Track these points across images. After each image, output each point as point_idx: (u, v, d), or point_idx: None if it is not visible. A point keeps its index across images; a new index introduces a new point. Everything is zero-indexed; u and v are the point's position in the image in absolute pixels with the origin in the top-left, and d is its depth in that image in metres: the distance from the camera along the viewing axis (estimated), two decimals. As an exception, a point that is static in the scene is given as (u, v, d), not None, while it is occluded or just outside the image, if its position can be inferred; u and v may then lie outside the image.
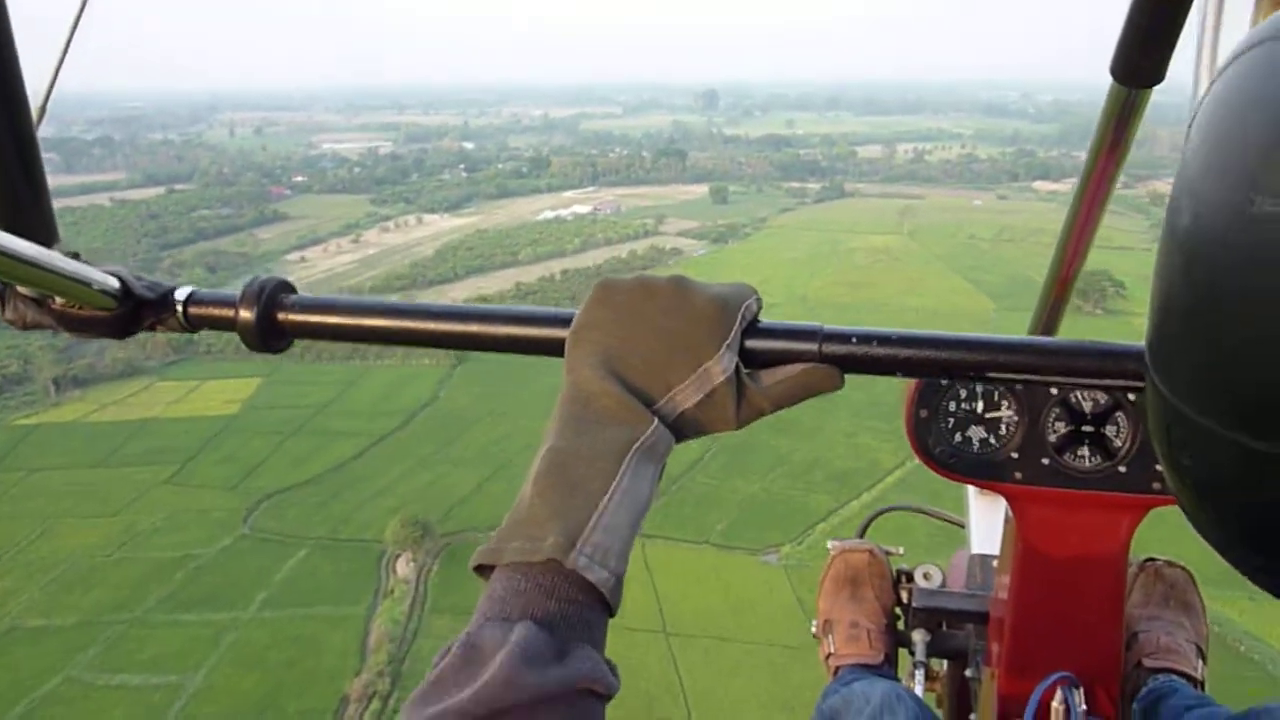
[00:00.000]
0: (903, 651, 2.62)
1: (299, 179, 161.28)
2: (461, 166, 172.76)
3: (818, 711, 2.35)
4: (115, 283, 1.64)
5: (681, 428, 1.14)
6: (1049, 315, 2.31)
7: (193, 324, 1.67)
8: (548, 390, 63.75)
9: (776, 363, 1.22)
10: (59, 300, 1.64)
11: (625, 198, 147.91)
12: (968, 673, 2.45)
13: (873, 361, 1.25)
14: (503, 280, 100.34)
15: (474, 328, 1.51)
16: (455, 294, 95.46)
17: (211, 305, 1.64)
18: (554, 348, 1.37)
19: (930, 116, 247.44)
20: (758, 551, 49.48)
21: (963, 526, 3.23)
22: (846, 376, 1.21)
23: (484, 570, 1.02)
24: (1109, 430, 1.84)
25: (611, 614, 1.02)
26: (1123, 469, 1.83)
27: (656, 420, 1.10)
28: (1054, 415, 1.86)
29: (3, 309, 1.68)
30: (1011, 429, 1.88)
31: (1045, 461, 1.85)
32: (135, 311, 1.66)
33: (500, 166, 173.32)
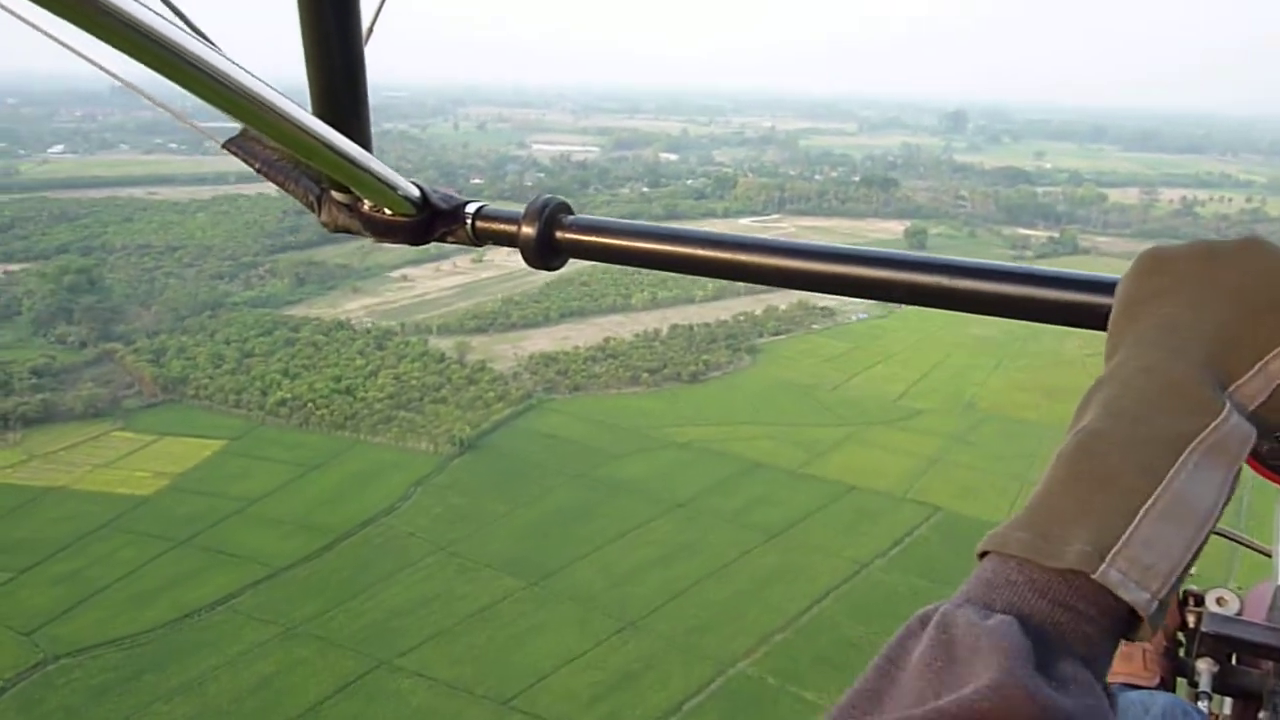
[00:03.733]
0: (1180, 682, 2.29)
1: (475, 182, 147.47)
2: (645, 181, 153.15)
3: None
4: (416, 191, 1.86)
5: (1266, 418, 0.92)
6: None
7: (479, 237, 1.87)
8: (540, 514, 41.47)
9: None
10: (366, 205, 1.87)
11: (806, 230, 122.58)
12: (1261, 716, 2.05)
13: None
14: (596, 331, 79.34)
15: (814, 266, 1.47)
16: (526, 345, 75.60)
17: (496, 220, 1.84)
18: (904, 294, 1.38)
19: (1215, 158, 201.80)
20: None
21: (1269, 555, 2.73)
22: None
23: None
24: None
25: (1132, 639, 0.83)
26: None
27: (1229, 407, 0.88)
28: None
29: (319, 212, 1.95)
30: None
31: None
32: (430, 220, 1.87)
33: (689, 183, 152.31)
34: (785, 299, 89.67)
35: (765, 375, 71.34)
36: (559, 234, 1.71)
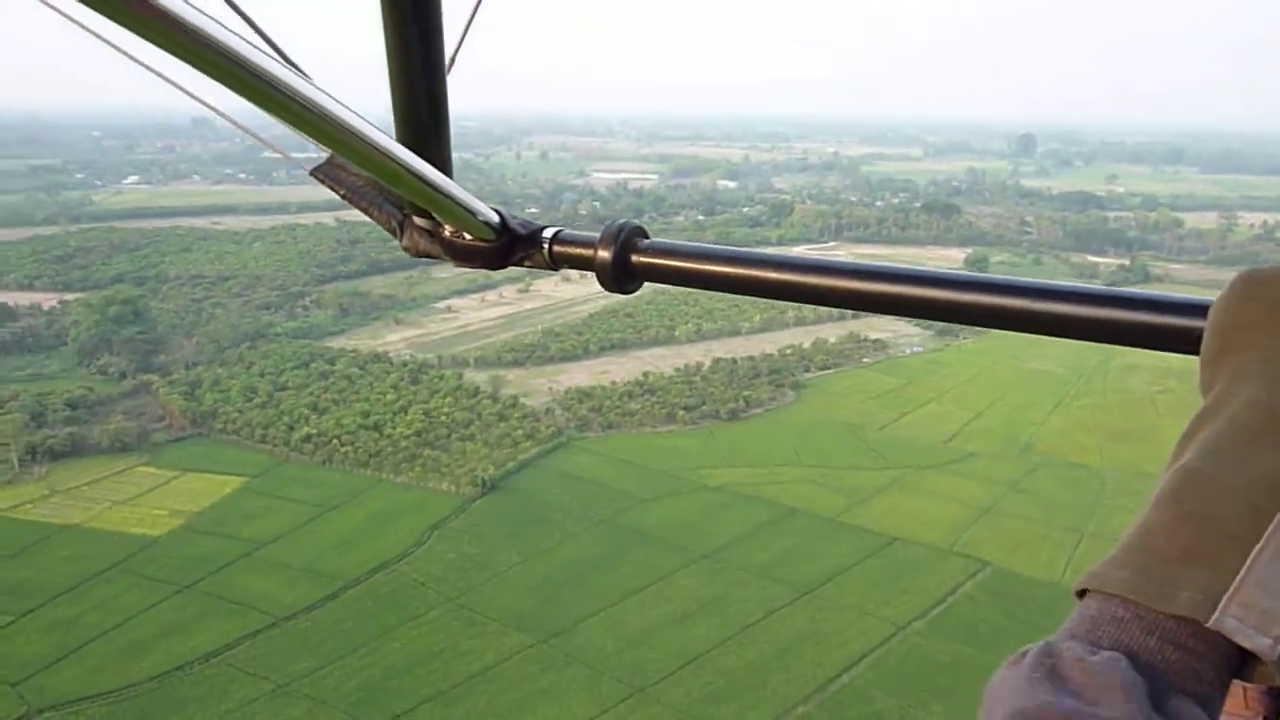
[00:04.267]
0: None
1: (531, 210, 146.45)
2: (700, 209, 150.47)
3: None
4: (495, 216, 1.93)
5: None
6: None
7: (556, 261, 1.90)
8: (557, 563, 38.96)
9: None
10: (447, 230, 1.94)
11: (861, 260, 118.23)
12: None
13: None
14: (636, 364, 76.53)
15: (903, 290, 1.45)
16: (563, 379, 73.05)
17: (573, 245, 1.87)
18: (1016, 320, 1.31)
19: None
20: None
21: None
22: None
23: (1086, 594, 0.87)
24: None
25: (1249, 679, 0.80)
26: None
27: None
28: None
29: (400, 237, 1.98)
30: None
31: None
32: (509, 245, 1.92)
33: (744, 210, 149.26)
34: (835, 331, 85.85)
35: (809, 413, 67.55)
36: (634, 258, 1.74)
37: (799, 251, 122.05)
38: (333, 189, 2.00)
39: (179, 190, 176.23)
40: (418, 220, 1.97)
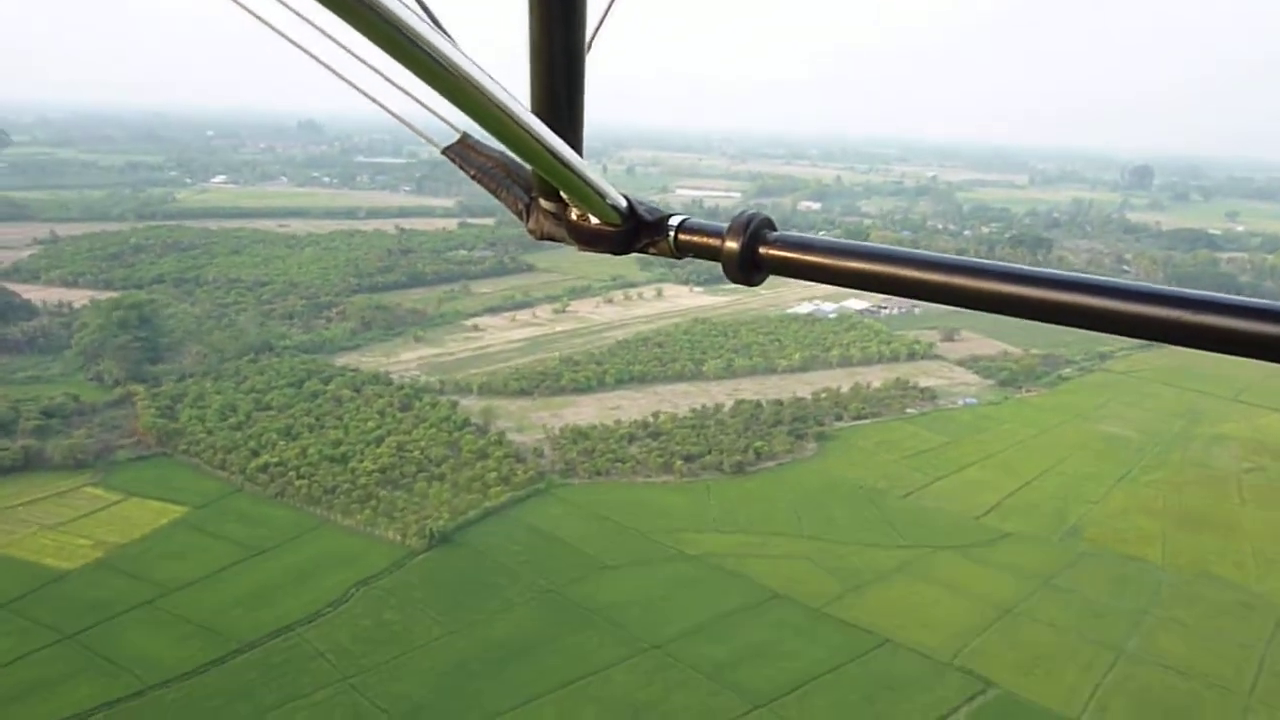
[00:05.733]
0: None
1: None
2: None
3: None
4: (623, 201, 1.92)
5: None
6: None
7: (680, 249, 1.89)
8: (481, 642, 32.87)
9: None
10: (574, 214, 1.94)
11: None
12: None
13: None
14: (652, 401, 69.61)
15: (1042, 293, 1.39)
16: (567, 414, 66.63)
17: (699, 234, 1.86)
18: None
19: None
20: None
21: None
22: None
23: None
24: None
25: None
26: None
27: None
28: None
29: (526, 219, 2.00)
30: None
31: None
32: (635, 231, 1.88)
33: (819, 234, 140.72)
34: (882, 375, 77.22)
35: (826, 471, 59.35)
36: (762, 250, 1.75)
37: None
38: (462, 169, 2.02)
39: (262, 191, 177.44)
40: (544, 203, 1.96)
